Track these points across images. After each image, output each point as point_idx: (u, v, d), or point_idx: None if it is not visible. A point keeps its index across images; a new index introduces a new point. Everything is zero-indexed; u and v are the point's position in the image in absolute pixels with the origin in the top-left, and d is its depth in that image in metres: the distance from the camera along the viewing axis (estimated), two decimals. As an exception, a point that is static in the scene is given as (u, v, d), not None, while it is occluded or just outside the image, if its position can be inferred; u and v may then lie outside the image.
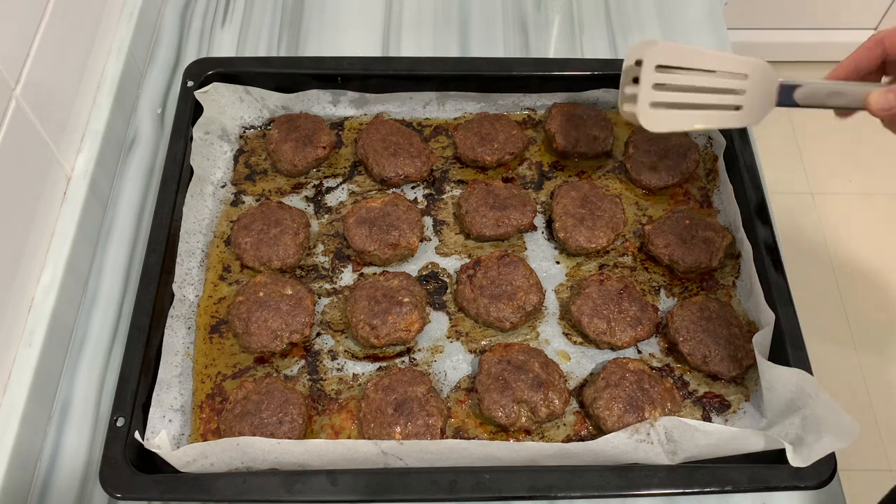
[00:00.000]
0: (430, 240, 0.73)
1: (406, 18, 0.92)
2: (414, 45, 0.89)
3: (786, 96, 0.58)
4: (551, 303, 0.70)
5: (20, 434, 0.60)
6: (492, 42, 0.90)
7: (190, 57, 0.87)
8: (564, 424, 0.64)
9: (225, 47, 0.88)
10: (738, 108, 0.58)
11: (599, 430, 0.63)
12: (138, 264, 0.68)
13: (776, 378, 0.61)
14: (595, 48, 0.89)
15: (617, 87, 0.78)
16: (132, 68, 0.82)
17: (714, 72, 0.56)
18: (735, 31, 0.94)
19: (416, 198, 0.76)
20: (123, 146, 0.80)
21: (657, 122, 0.56)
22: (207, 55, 0.87)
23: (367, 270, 0.71)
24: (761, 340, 0.63)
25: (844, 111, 0.58)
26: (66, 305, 0.68)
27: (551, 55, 0.89)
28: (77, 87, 0.74)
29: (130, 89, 0.82)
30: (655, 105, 0.56)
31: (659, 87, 0.56)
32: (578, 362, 0.67)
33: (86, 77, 0.76)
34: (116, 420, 0.58)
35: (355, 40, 0.90)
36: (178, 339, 0.66)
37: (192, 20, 0.91)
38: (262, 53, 0.88)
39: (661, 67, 0.55)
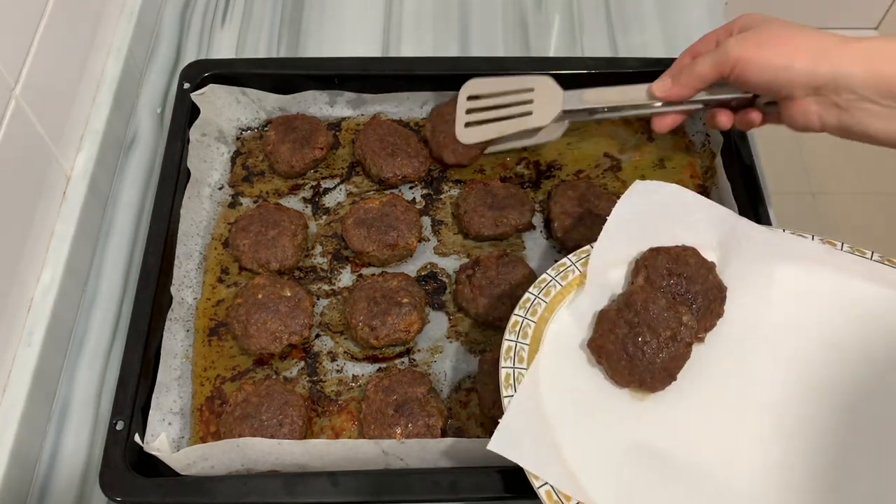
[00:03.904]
0: (429, 240, 0.73)
1: (406, 18, 0.91)
2: (414, 45, 0.89)
3: (573, 98, 0.69)
4: (551, 303, 0.70)
5: (20, 434, 0.60)
6: (492, 42, 0.90)
7: (189, 56, 0.87)
8: (564, 425, 0.64)
9: (224, 47, 0.88)
10: (529, 113, 0.70)
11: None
12: (138, 264, 0.68)
13: None
14: (595, 48, 0.89)
15: (614, 85, 0.79)
16: (132, 68, 0.82)
17: (512, 92, 0.71)
18: (735, 31, 0.94)
19: (414, 198, 0.76)
20: (123, 146, 0.80)
21: (469, 136, 0.72)
22: (207, 55, 0.87)
23: (366, 271, 0.71)
24: None
25: (653, 118, 0.69)
26: (66, 305, 0.68)
27: (551, 55, 0.89)
28: (77, 86, 0.74)
29: (130, 89, 0.82)
30: (469, 125, 0.72)
31: (471, 111, 0.72)
32: (578, 363, 0.67)
33: (85, 77, 0.76)
34: (116, 423, 0.58)
35: (355, 40, 0.90)
36: (176, 342, 0.66)
37: (191, 20, 0.90)
38: (261, 53, 0.88)
39: (471, 98, 0.73)
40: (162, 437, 0.59)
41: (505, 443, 0.50)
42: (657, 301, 0.55)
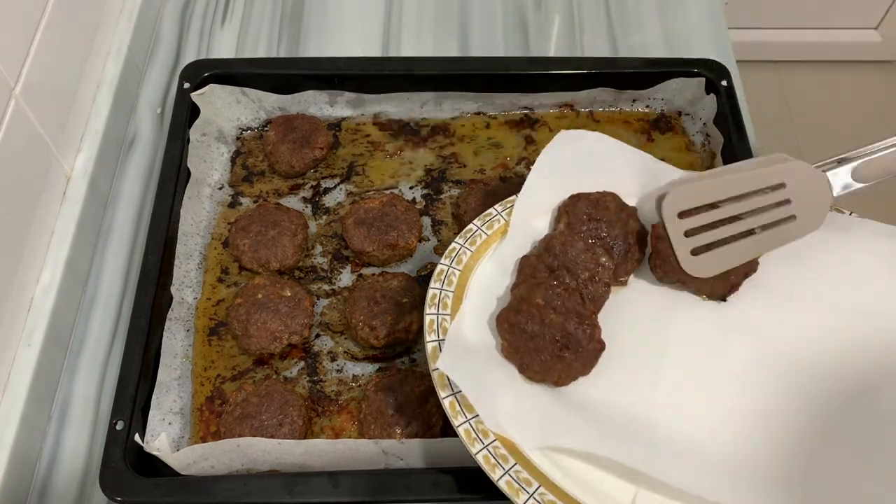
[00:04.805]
0: (429, 240, 0.73)
1: (406, 18, 0.92)
2: (414, 45, 0.89)
3: (843, 180, 0.55)
4: (550, 303, 0.70)
5: (19, 434, 0.60)
6: (492, 42, 0.90)
7: (189, 56, 0.87)
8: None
9: (224, 47, 0.88)
10: (792, 218, 0.55)
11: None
12: (138, 264, 0.68)
13: None
14: (596, 48, 0.89)
15: (613, 85, 0.79)
16: (132, 68, 0.82)
17: (754, 193, 0.54)
18: (735, 31, 0.94)
19: (414, 198, 0.76)
20: (123, 146, 0.80)
21: (706, 267, 0.54)
22: (207, 55, 0.87)
23: (366, 271, 0.71)
24: None
25: None
26: (66, 305, 0.68)
27: (551, 55, 0.89)
28: (77, 86, 0.74)
29: (130, 89, 0.82)
30: (697, 251, 0.54)
31: (695, 232, 0.54)
32: (578, 363, 0.67)
33: (85, 76, 0.76)
34: (116, 423, 0.58)
35: (355, 40, 0.90)
36: (176, 342, 0.66)
37: (191, 19, 0.90)
38: (261, 53, 0.88)
39: (685, 213, 0.54)
40: (162, 436, 0.59)
41: (450, 364, 0.50)
42: (575, 244, 0.57)
